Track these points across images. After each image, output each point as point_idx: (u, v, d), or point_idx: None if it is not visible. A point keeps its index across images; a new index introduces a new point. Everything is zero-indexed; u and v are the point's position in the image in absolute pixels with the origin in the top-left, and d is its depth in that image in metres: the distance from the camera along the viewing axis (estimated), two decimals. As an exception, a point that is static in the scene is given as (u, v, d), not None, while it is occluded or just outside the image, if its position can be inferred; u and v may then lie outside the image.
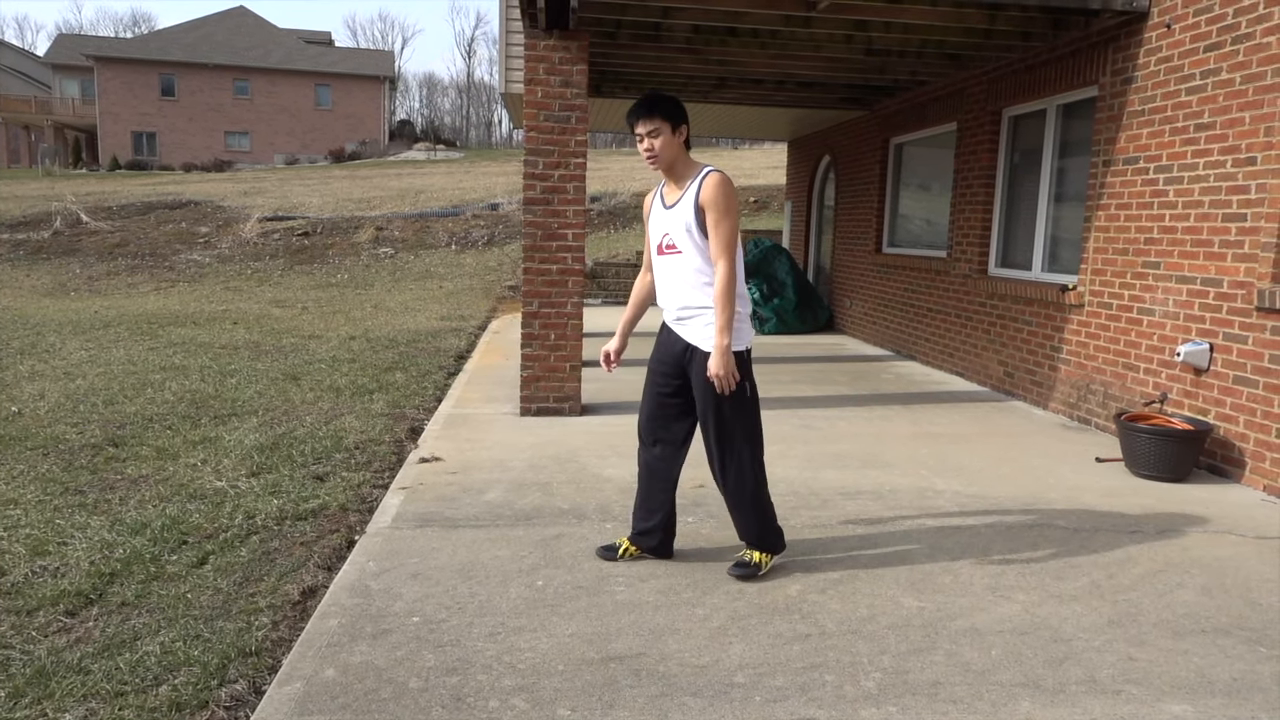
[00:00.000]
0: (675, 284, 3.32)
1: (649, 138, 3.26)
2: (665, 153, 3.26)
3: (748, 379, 3.31)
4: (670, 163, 3.29)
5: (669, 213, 3.32)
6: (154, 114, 44.34)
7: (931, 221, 8.86)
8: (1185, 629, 3.00)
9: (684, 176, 3.30)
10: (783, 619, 3.00)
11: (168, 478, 4.66)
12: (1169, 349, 5.32)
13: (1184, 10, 5.24)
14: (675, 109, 3.26)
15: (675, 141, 3.27)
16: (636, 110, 3.27)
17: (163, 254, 18.64)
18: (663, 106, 3.24)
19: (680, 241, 3.27)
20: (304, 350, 9.02)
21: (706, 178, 3.20)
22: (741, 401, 3.30)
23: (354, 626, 2.88)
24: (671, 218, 3.30)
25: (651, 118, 3.24)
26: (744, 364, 3.28)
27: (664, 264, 3.35)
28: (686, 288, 3.29)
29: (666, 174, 3.34)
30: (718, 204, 3.16)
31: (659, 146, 3.25)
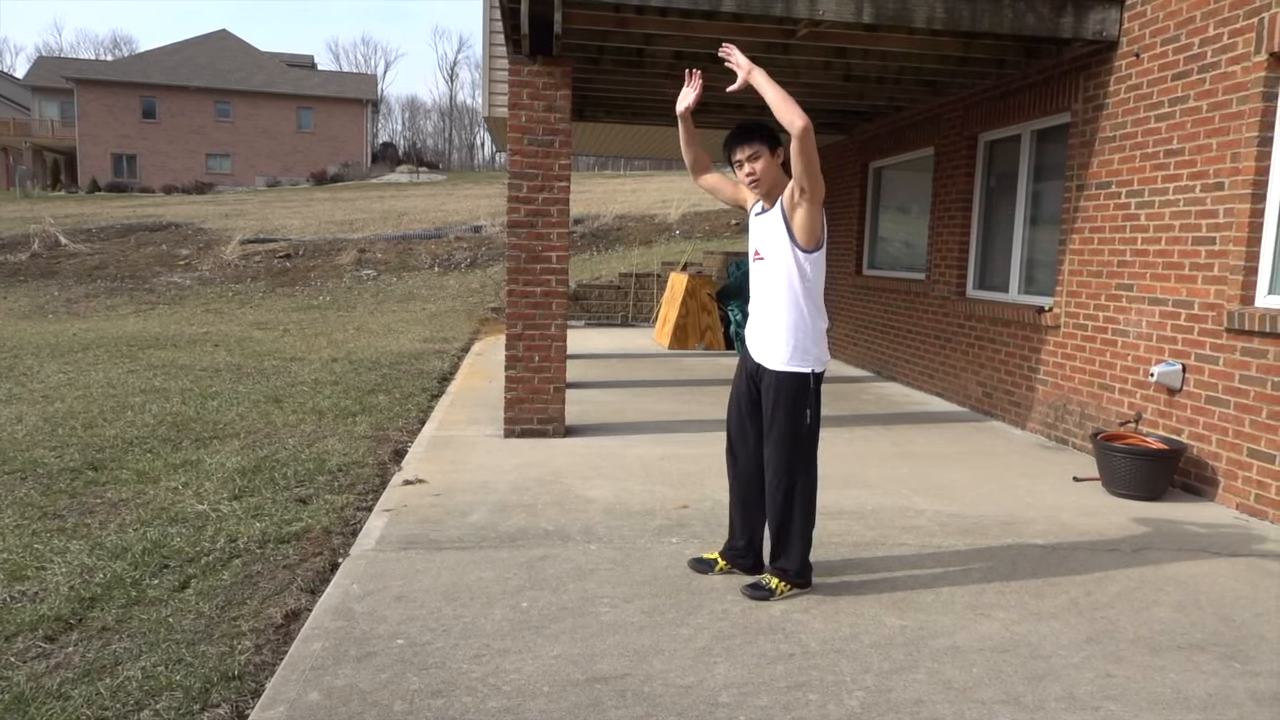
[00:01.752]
0: (759, 292, 3.40)
1: (749, 162, 3.32)
2: (766, 175, 3.32)
3: (810, 407, 3.32)
4: (770, 186, 3.35)
5: (760, 219, 3.40)
6: (134, 136, 44.17)
7: (910, 244, 8.98)
8: (1162, 645, 3.05)
9: (780, 191, 3.34)
10: (767, 639, 3.02)
11: (148, 501, 4.63)
12: (1143, 369, 5.41)
13: (1152, 40, 5.39)
14: (771, 133, 3.32)
15: (775, 163, 3.33)
16: (735, 138, 3.33)
17: (143, 276, 18.52)
18: (762, 130, 3.31)
19: (766, 246, 3.35)
20: (286, 373, 8.98)
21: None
22: (798, 429, 3.31)
23: (338, 649, 2.88)
24: (762, 224, 3.38)
25: (750, 142, 3.31)
26: (808, 390, 3.31)
27: (754, 270, 3.45)
28: (765, 299, 3.36)
29: (765, 198, 3.38)
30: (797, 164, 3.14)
31: (760, 169, 3.31)
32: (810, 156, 3.12)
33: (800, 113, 3.06)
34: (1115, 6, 5.62)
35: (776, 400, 3.33)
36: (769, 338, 3.36)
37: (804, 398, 3.31)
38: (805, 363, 3.30)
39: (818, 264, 3.33)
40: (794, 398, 3.30)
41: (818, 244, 3.30)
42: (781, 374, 3.32)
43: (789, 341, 3.31)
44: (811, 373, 3.31)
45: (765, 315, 3.38)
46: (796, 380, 3.30)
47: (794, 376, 3.30)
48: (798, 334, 3.30)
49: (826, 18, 5.24)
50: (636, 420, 6.75)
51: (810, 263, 3.31)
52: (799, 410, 3.30)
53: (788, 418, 3.31)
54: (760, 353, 3.39)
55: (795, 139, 3.07)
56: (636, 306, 15.24)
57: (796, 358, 3.30)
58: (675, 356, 10.82)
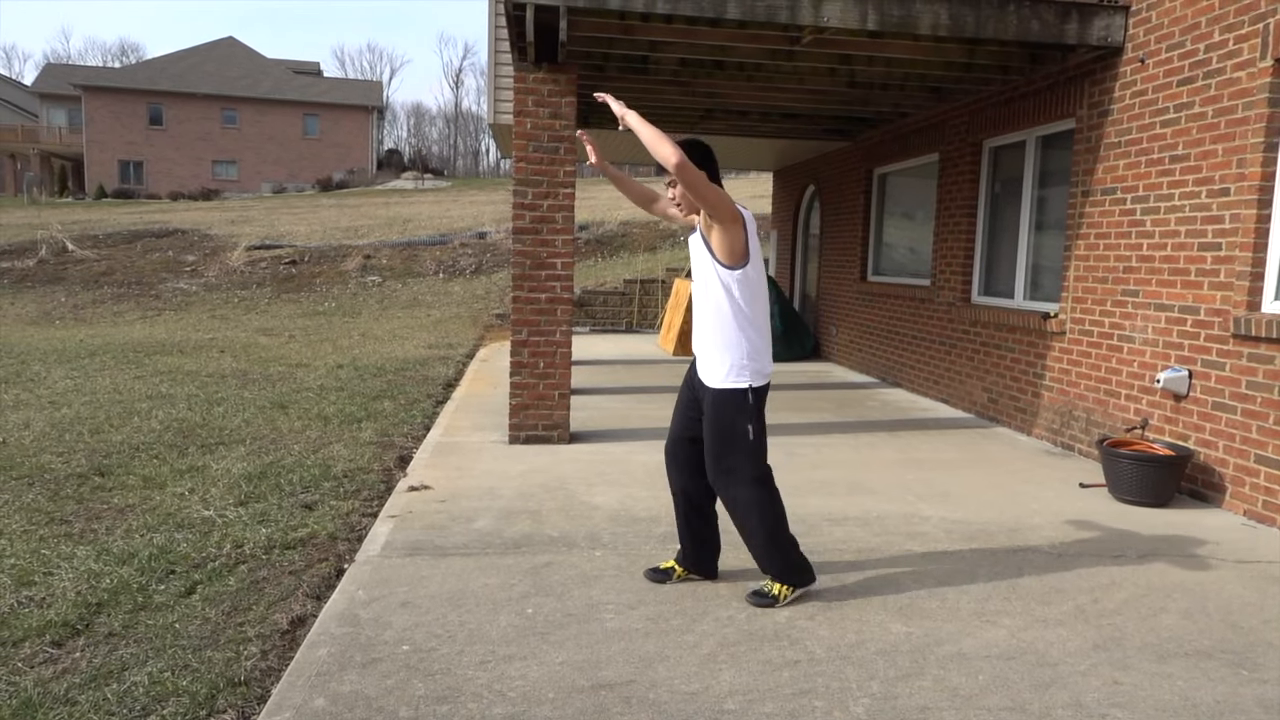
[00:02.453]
0: (696, 311, 3.42)
1: (670, 187, 3.38)
2: (686, 199, 3.34)
3: (751, 421, 3.31)
4: (693, 208, 3.37)
5: (691, 242, 3.46)
6: (141, 143, 44.35)
7: (915, 250, 8.98)
8: (1169, 652, 3.04)
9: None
10: (772, 645, 3.02)
11: (155, 507, 4.64)
12: (1149, 375, 5.40)
13: (1157, 45, 5.39)
14: (694, 159, 3.26)
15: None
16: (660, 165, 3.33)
17: (149, 282, 18.59)
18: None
19: (695, 267, 3.41)
20: (291, 378, 9.00)
21: None
22: (739, 444, 3.30)
23: (343, 655, 2.88)
24: (692, 246, 3.45)
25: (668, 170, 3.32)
26: (747, 404, 3.31)
27: (692, 290, 3.49)
28: (700, 320, 3.39)
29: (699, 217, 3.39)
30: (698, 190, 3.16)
31: (679, 194, 3.36)
32: (695, 185, 3.13)
33: (673, 149, 3.08)
34: (1120, 13, 5.63)
35: (717, 417, 3.32)
36: (706, 356, 3.37)
37: (744, 413, 3.30)
38: (742, 378, 3.30)
39: (745, 281, 3.29)
40: (733, 414, 3.30)
41: (741, 261, 3.28)
42: (718, 391, 3.32)
43: (724, 359, 3.31)
44: (749, 388, 3.30)
45: (701, 333, 3.38)
46: (735, 396, 3.30)
47: (732, 393, 3.30)
48: (733, 352, 3.30)
49: (831, 24, 5.25)
50: (641, 426, 6.75)
51: (737, 280, 3.28)
52: (741, 426, 3.30)
53: (728, 434, 3.31)
54: (701, 370, 3.41)
55: (675, 175, 3.12)
56: (641, 313, 15.24)
57: (733, 374, 3.30)
58: (680, 362, 10.82)
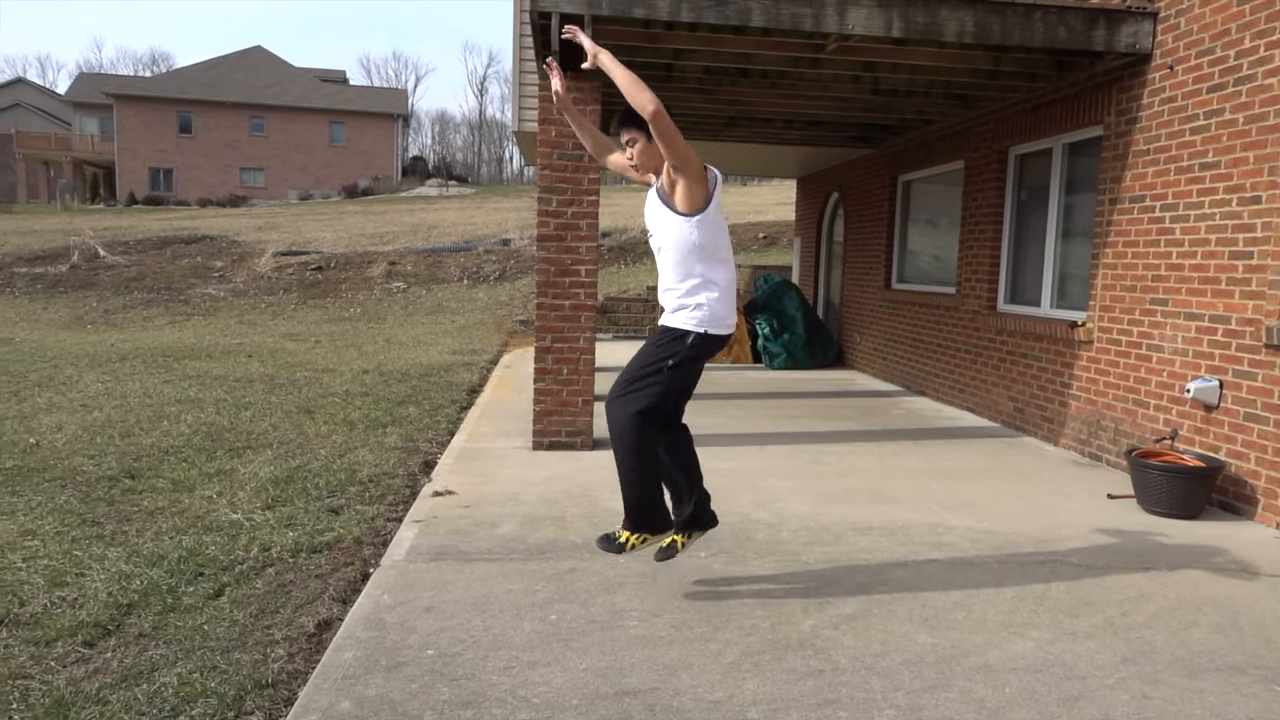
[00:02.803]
0: (660, 267, 3.43)
1: (629, 146, 3.44)
2: (643, 157, 3.42)
3: (675, 361, 3.31)
4: (654, 166, 3.43)
5: (648, 201, 3.46)
6: (171, 150, 45.02)
7: (940, 258, 8.93)
8: (1200, 667, 3.00)
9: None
10: (796, 654, 3.01)
11: (184, 510, 4.71)
12: (1179, 385, 5.33)
13: (1186, 52, 5.33)
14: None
15: (653, 148, 3.37)
16: (619, 122, 3.42)
17: (178, 288, 18.85)
18: (636, 117, 3.30)
19: (651, 224, 3.41)
20: (317, 384, 9.09)
21: None
22: (655, 374, 3.31)
23: (369, 659, 2.90)
24: (649, 205, 3.45)
25: (627, 129, 3.40)
26: (683, 346, 3.31)
27: (653, 249, 3.49)
28: (664, 269, 3.40)
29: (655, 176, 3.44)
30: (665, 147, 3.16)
31: (637, 153, 3.42)
32: (670, 136, 3.12)
33: (651, 97, 3.07)
34: (1148, 19, 5.58)
35: (651, 343, 3.38)
36: (668, 303, 3.39)
37: (673, 352, 3.31)
38: (691, 322, 3.32)
39: (704, 225, 3.30)
40: (664, 347, 3.33)
41: (699, 209, 3.29)
42: (665, 326, 3.38)
43: (684, 303, 3.34)
44: (695, 332, 3.31)
45: (665, 285, 3.40)
46: (676, 335, 3.33)
47: (676, 331, 3.34)
48: (694, 296, 3.32)
49: (855, 32, 5.24)
50: (664, 433, 6.74)
51: (697, 225, 3.30)
52: (662, 355, 3.32)
53: (648, 360, 3.33)
54: (665, 317, 3.43)
55: (649, 122, 3.11)
56: (663, 319, 15.22)
57: (687, 316, 3.33)
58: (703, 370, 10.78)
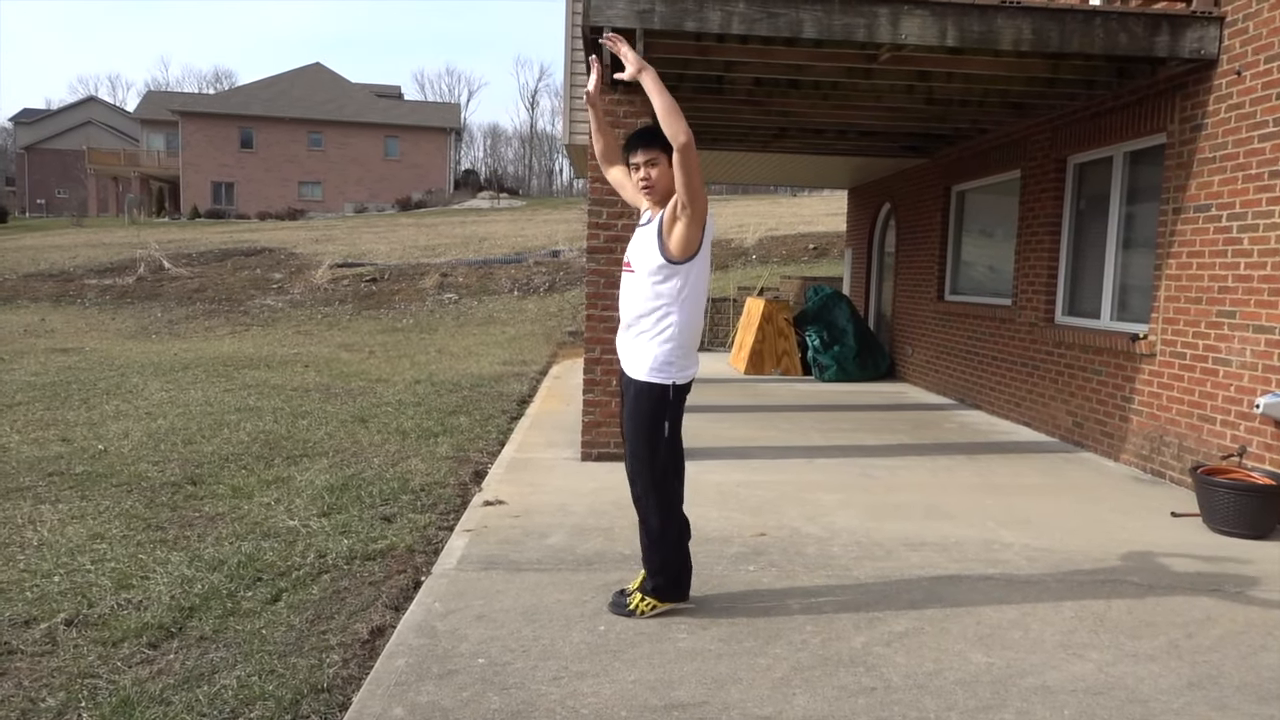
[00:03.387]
0: (624, 299, 3.34)
1: (646, 167, 3.27)
2: (661, 182, 3.28)
3: (669, 418, 3.28)
4: (665, 193, 3.28)
5: (640, 231, 3.34)
6: (233, 165, 46.36)
7: (995, 269, 8.77)
8: (1270, 694, 2.89)
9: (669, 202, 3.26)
10: (847, 671, 2.97)
11: (243, 516, 4.82)
12: (1247, 400, 5.16)
13: (1255, 57, 5.18)
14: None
15: (669, 173, 3.21)
16: (637, 139, 3.28)
17: (238, 299, 19.36)
18: (661, 138, 3.19)
19: (636, 257, 3.29)
20: (371, 393, 9.25)
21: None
22: (656, 439, 3.28)
23: (421, 666, 2.94)
24: (637, 239, 3.33)
25: (649, 148, 3.26)
26: (667, 400, 3.27)
27: (624, 281, 3.37)
28: (629, 304, 3.31)
29: (655, 206, 3.32)
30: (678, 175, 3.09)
31: (655, 175, 3.27)
32: (692, 171, 3.04)
33: (685, 127, 3.01)
34: (1214, 24, 5.43)
35: (637, 408, 3.29)
36: (634, 347, 3.31)
37: (664, 409, 3.27)
38: (668, 374, 3.25)
39: (689, 274, 3.23)
40: (653, 408, 3.27)
41: (691, 254, 3.21)
42: (642, 384, 3.29)
43: (652, 352, 3.26)
44: (672, 384, 3.26)
45: (635, 326, 3.31)
46: (656, 391, 3.26)
47: (654, 387, 3.26)
48: (662, 346, 3.25)
49: (909, 41, 5.20)
50: (713, 445, 6.73)
51: (682, 274, 3.22)
52: (659, 420, 3.27)
53: (646, 427, 3.28)
54: (627, 362, 3.35)
55: (678, 152, 3.03)
56: (713, 331, 15.21)
57: (658, 368, 3.25)
58: (751, 382, 10.76)
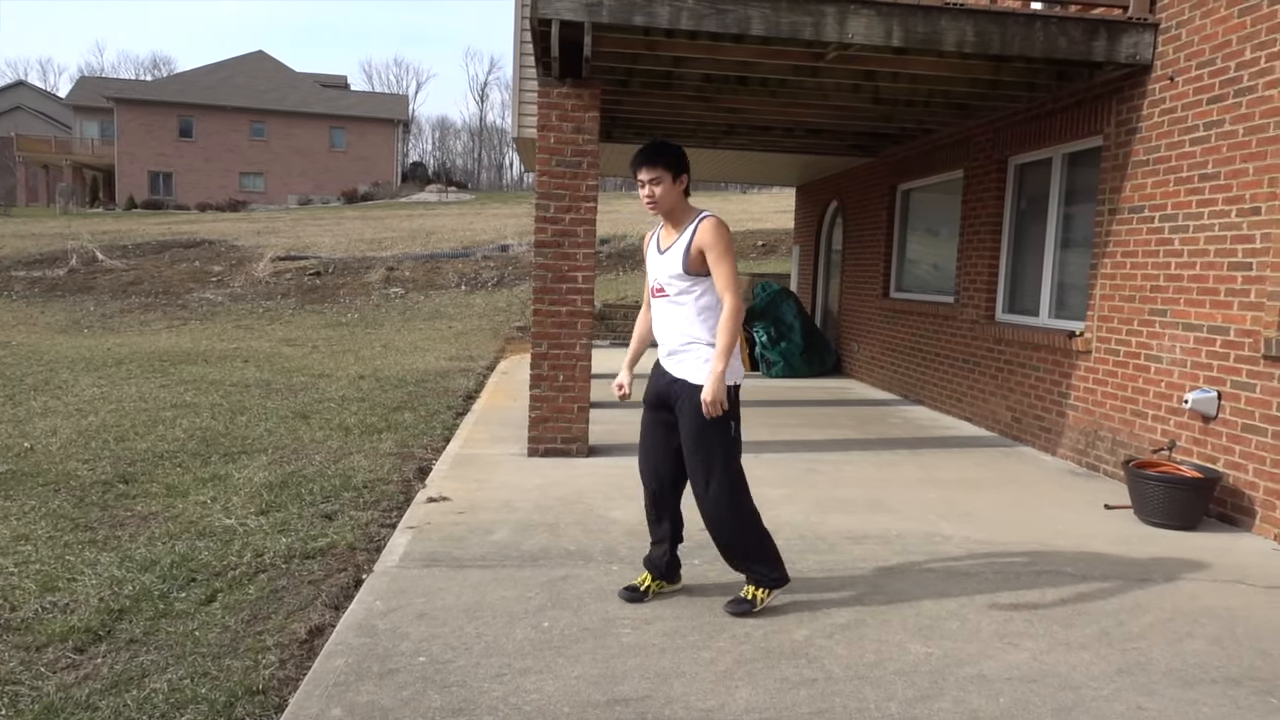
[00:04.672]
0: (664, 325, 3.44)
1: (650, 185, 3.38)
2: (664, 199, 3.39)
3: (734, 417, 3.36)
4: (669, 209, 3.42)
5: (661, 258, 3.44)
6: (171, 154, 45.04)
7: (939, 267, 8.93)
8: (1195, 679, 2.98)
9: (681, 222, 3.41)
10: (789, 663, 2.99)
11: (177, 515, 4.69)
12: (1177, 396, 5.32)
13: (1186, 63, 5.34)
14: (677, 159, 3.38)
15: (675, 190, 3.39)
16: (639, 157, 3.39)
17: (176, 292, 18.84)
18: (665, 156, 3.36)
19: (669, 286, 3.40)
20: (314, 389, 9.07)
21: (702, 223, 3.31)
22: (725, 439, 3.35)
23: (360, 666, 2.88)
24: (663, 263, 3.42)
25: (654, 166, 3.37)
26: (733, 399, 3.35)
27: (656, 306, 3.49)
28: (674, 327, 3.40)
29: (665, 218, 3.46)
30: (716, 245, 3.27)
31: (659, 194, 3.38)
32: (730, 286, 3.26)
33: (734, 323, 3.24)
34: (1149, 30, 5.59)
35: (699, 414, 3.31)
36: (693, 359, 3.36)
37: (732, 408, 3.33)
38: (730, 376, 3.32)
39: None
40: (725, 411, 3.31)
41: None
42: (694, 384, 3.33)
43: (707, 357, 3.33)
44: (734, 384, 3.34)
45: (679, 335, 3.38)
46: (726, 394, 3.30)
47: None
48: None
49: (855, 41, 5.25)
50: (661, 441, 6.73)
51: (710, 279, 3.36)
52: (725, 421, 3.32)
53: (713, 431, 3.32)
54: (680, 370, 3.39)
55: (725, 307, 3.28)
56: (662, 327, 15.22)
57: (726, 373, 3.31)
58: (700, 377, 10.78)
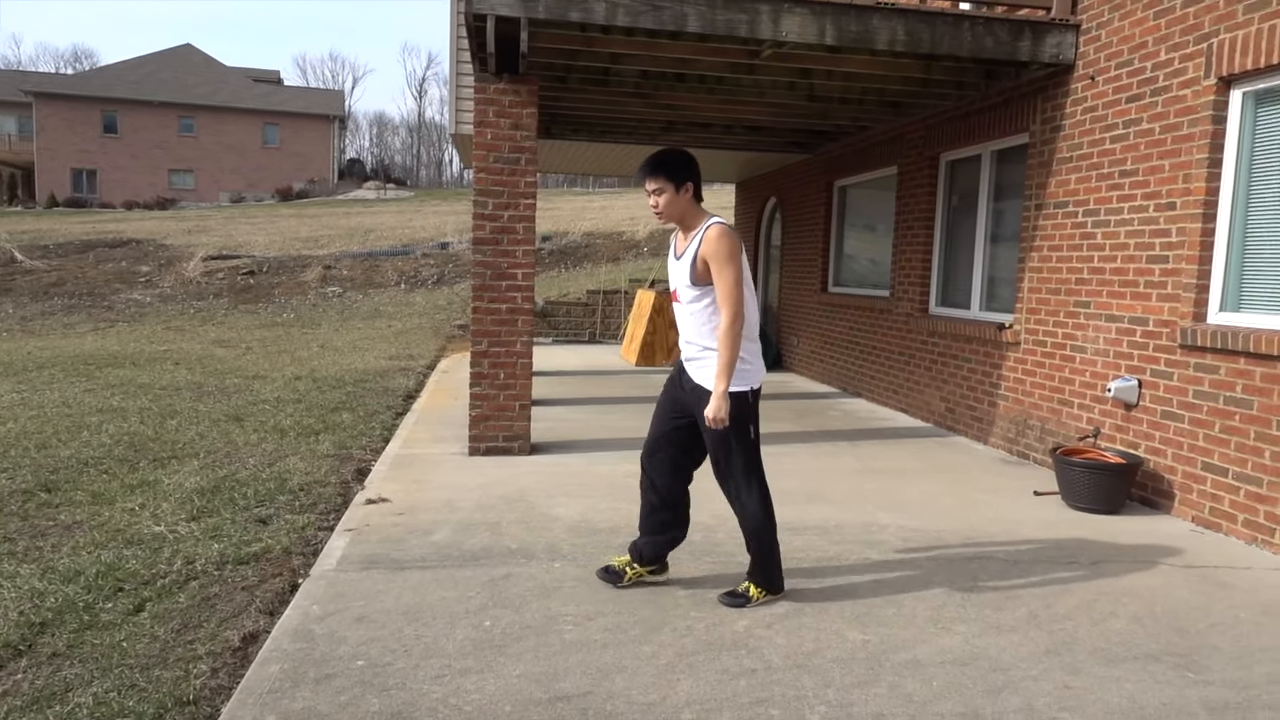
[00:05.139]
0: (683, 330, 3.51)
1: (654, 195, 3.42)
2: (670, 209, 3.43)
3: (752, 421, 3.42)
4: (678, 217, 3.45)
5: (676, 264, 3.50)
6: (95, 151, 43.43)
7: (875, 262, 9.09)
8: (1118, 656, 3.10)
9: (692, 228, 3.44)
10: (730, 654, 3.02)
11: (103, 523, 4.53)
12: (1101, 385, 5.51)
13: (1106, 64, 5.53)
14: (677, 170, 3.39)
15: (680, 199, 3.41)
16: (643, 169, 3.44)
17: (101, 293, 18.20)
18: (666, 167, 3.38)
19: (682, 292, 3.45)
20: (248, 391, 8.86)
21: (707, 232, 3.33)
22: (744, 441, 3.41)
23: (296, 672, 2.83)
24: (677, 270, 3.48)
25: (656, 177, 3.40)
26: (747, 404, 3.39)
27: (676, 310, 3.55)
28: (690, 332, 3.45)
29: (678, 225, 3.48)
30: (718, 255, 3.28)
31: (663, 204, 3.42)
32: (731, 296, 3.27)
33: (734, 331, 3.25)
34: (1071, 31, 5.76)
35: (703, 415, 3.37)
36: (710, 368, 3.39)
37: (747, 413, 3.40)
38: (744, 381, 3.37)
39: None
40: (739, 416, 3.37)
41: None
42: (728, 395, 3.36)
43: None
44: (749, 389, 3.40)
45: (698, 340, 3.43)
46: (737, 399, 3.36)
47: (737, 396, 3.36)
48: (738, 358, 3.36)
49: (790, 39, 5.31)
50: (603, 437, 6.74)
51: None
52: (744, 426, 3.39)
53: (737, 435, 3.38)
54: (700, 375, 3.44)
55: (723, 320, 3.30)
56: (604, 324, 15.24)
57: (736, 378, 3.35)
58: (642, 373, 10.83)
